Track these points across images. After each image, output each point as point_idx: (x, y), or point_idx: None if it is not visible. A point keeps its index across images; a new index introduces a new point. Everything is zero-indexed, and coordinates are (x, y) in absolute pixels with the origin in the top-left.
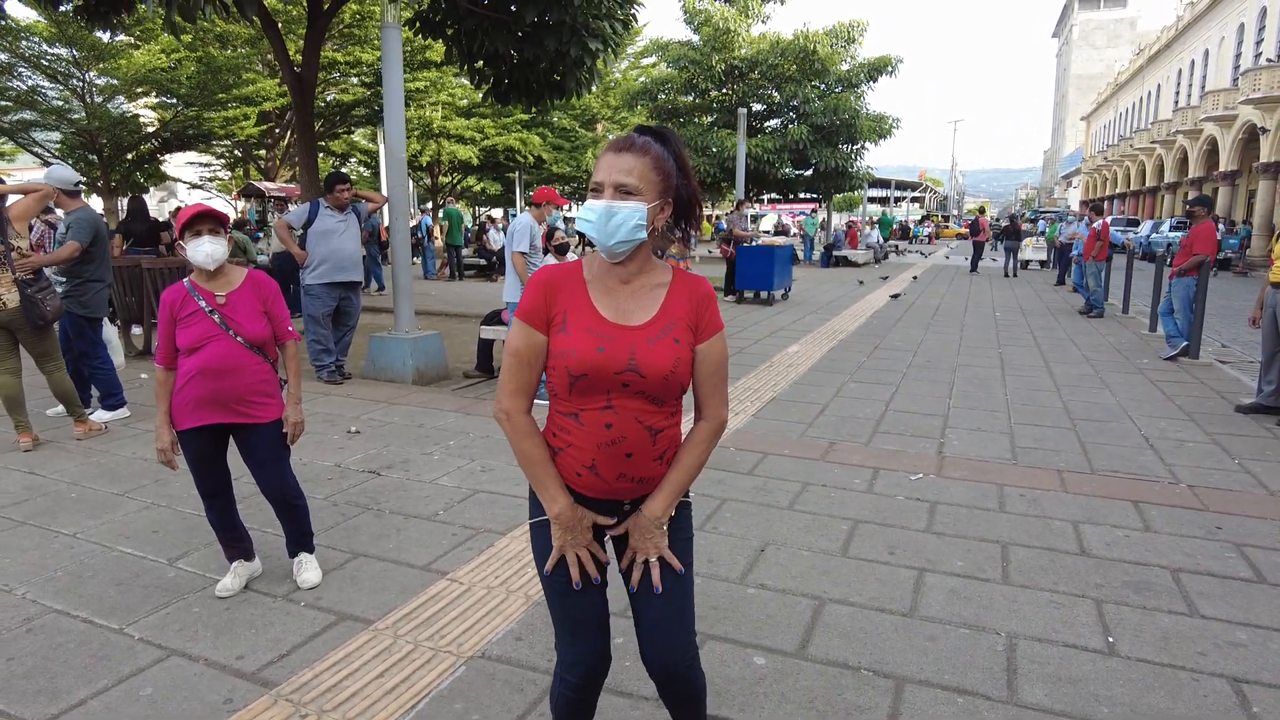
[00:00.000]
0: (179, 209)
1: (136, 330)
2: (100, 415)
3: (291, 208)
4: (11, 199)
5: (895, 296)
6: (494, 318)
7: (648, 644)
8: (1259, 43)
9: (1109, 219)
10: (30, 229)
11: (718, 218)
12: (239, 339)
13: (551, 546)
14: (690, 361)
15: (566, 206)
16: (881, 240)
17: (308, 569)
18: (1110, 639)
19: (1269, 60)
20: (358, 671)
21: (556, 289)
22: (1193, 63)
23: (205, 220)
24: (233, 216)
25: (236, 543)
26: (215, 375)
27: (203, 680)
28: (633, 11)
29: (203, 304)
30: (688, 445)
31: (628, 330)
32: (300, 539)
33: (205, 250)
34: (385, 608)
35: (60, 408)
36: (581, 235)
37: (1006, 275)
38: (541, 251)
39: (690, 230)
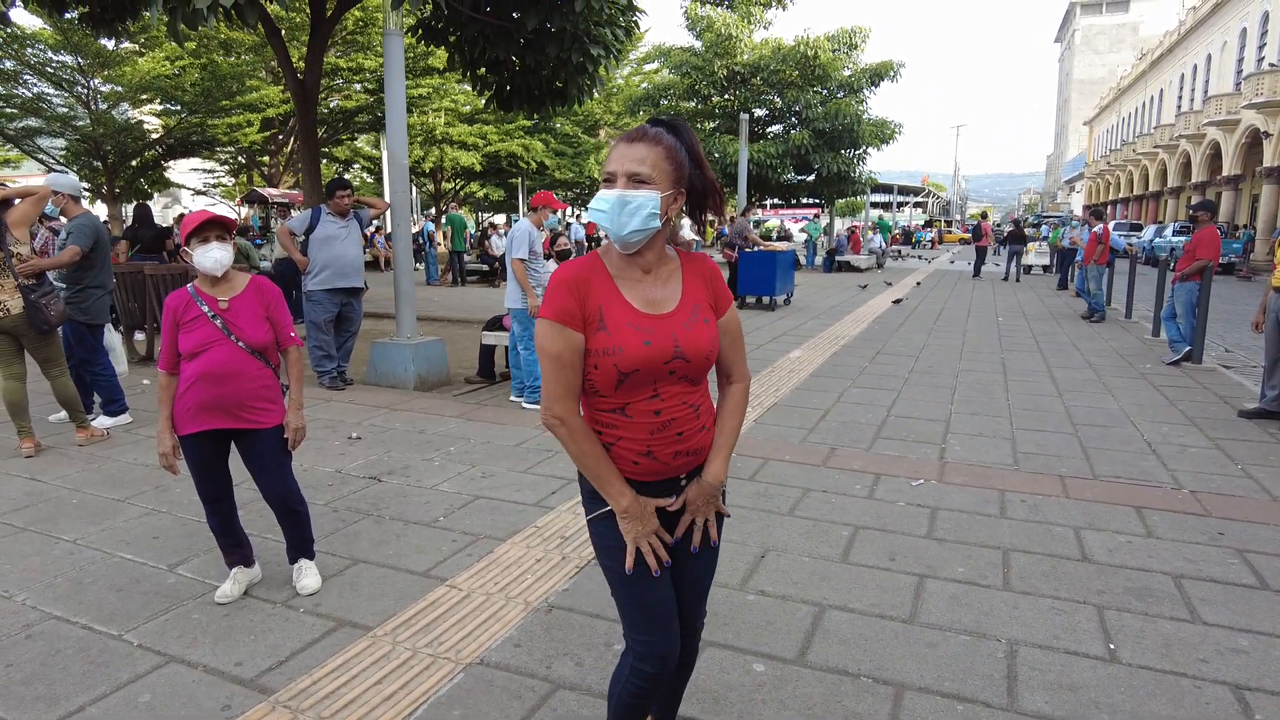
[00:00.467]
0: (183, 215)
1: (139, 336)
2: (102, 421)
3: (294, 214)
4: (17, 202)
5: (897, 302)
6: (496, 323)
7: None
8: (1261, 47)
9: (1111, 224)
10: (33, 235)
11: (720, 223)
12: (241, 344)
13: (616, 539)
14: (718, 339)
15: (566, 210)
16: (884, 245)
17: (307, 575)
18: (1111, 646)
19: (1271, 65)
20: (356, 678)
21: (585, 286)
22: (1195, 67)
23: (213, 227)
24: (236, 223)
25: (236, 548)
26: (216, 380)
27: (201, 687)
28: (634, 18)
29: (205, 309)
30: (729, 408)
31: (664, 319)
32: (300, 545)
33: (214, 256)
34: (384, 614)
35: (63, 413)
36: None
37: (1006, 279)
38: (543, 257)
39: (707, 218)
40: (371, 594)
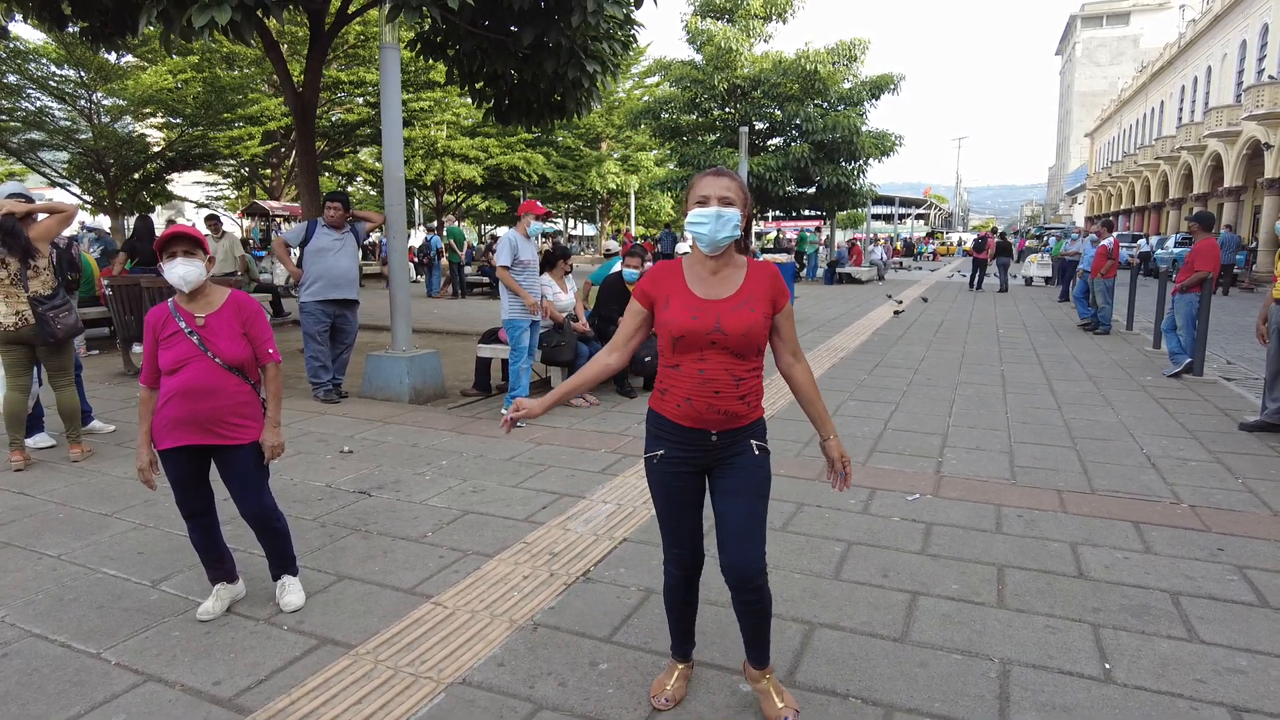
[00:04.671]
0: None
1: (136, 349)
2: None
3: (286, 227)
4: (40, 218)
5: (898, 314)
6: (492, 336)
7: (726, 552)
8: (1261, 59)
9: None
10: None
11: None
12: (217, 360)
13: (654, 482)
14: (763, 325)
15: (543, 215)
16: (884, 257)
17: (290, 592)
18: (1107, 665)
19: (1271, 77)
20: (335, 698)
21: (662, 279)
22: (1195, 79)
23: (180, 242)
24: (206, 239)
25: (219, 564)
26: (193, 396)
27: (177, 706)
28: (632, 33)
29: (183, 325)
30: (810, 386)
31: (714, 303)
32: (282, 562)
33: (178, 273)
34: (367, 632)
35: (37, 436)
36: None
37: (1003, 290)
38: (537, 265)
39: (749, 239)
40: (355, 611)
